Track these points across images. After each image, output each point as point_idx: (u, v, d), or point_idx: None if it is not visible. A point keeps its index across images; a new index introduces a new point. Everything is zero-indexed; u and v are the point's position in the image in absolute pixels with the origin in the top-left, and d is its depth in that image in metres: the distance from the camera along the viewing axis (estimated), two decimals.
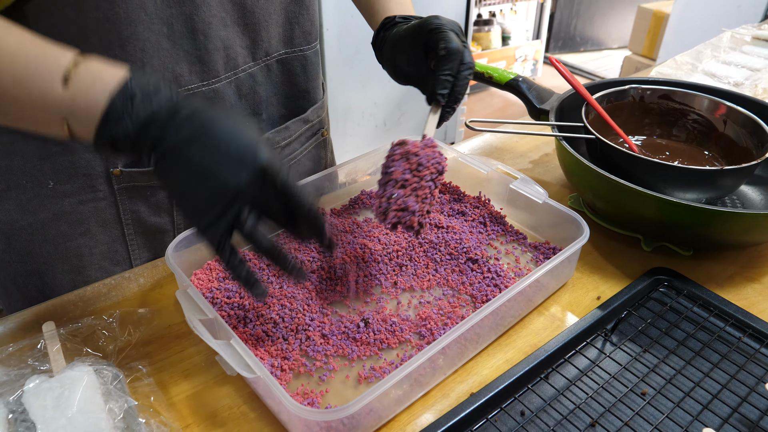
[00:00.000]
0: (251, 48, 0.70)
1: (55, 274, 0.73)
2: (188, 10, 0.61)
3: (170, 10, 0.60)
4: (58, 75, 0.46)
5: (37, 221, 0.69)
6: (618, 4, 4.34)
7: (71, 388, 0.54)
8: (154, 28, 0.60)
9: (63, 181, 0.68)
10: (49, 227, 0.70)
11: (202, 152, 0.46)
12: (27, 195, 0.68)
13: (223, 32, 0.65)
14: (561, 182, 0.93)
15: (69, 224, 0.70)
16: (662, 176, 0.75)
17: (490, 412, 0.55)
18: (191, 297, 0.60)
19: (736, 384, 0.57)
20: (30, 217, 0.69)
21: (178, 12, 0.60)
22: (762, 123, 0.80)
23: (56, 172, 0.67)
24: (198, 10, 0.62)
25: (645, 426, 0.53)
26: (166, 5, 0.59)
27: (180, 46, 0.63)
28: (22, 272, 0.73)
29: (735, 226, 0.68)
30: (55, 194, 0.68)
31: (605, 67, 4.24)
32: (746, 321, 0.64)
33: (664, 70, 1.28)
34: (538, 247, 0.75)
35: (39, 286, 0.74)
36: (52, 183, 0.67)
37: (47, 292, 0.74)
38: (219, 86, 0.69)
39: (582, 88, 0.86)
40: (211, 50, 0.65)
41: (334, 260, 0.69)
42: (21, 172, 0.66)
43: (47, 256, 0.72)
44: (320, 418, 0.49)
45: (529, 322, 0.67)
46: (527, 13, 3.86)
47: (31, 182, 0.67)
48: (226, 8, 0.64)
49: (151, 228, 0.75)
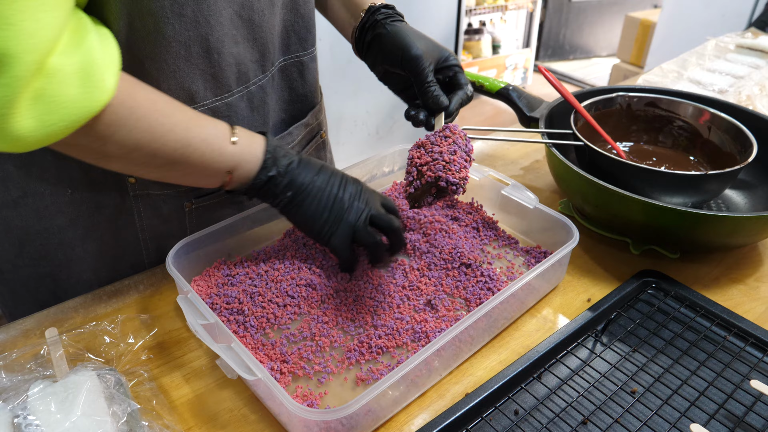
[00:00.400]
0: (260, 61, 0.72)
1: (70, 275, 0.75)
2: (204, 31, 0.63)
3: (188, 33, 0.61)
4: (228, 135, 0.61)
5: (54, 226, 0.71)
6: (606, 13, 4.40)
7: (75, 392, 0.55)
8: (172, 50, 0.61)
9: (80, 189, 0.69)
10: (65, 232, 0.71)
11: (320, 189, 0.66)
12: (44, 202, 0.69)
13: (235, 49, 0.67)
14: (551, 188, 0.95)
15: (85, 229, 0.72)
16: (649, 181, 0.77)
17: (484, 411, 0.56)
18: (192, 302, 0.61)
19: (722, 381, 0.59)
20: (46, 222, 0.70)
21: (195, 34, 0.62)
22: (745, 129, 0.83)
23: (73, 180, 0.69)
24: (213, 30, 0.63)
25: (635, 423, 0.55)
26: (184, 29, 0.61)
27: (196, 65, 0.64)
28: (34, 276, 0.74)
29: (720, 229, 0.71)
30: (73, 201, 0.70)
31: (594, 74, 4.29)
32: (731, 321, 0.66)
33: (650, 78, 1.31)
34: (529, 252, 0.76)
35: (51, 289, 0.75)
36: (70, 191, 0.69)
37: (60, 294, 0.75)
38: (231, 100, 0.70)
39: (570, 96, 0.88)
40: (224, 67, 0.67)
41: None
42: (39, 180, 0.68)
43: (63, 259, 0.73)
44: (320, 418, 0.50)
45: (522, 324, 0.68)
46: (517, 22, 3.91)
47: (49, 189, 0.69)
48: (237, 26, 0.66)
49: (163, 234, 0.76)
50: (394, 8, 0.75)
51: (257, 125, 0.76)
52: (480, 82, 0.97)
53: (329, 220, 0.66)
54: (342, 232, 0.67)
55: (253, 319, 0.64)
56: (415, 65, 0.68)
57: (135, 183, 0.71)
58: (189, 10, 0.60)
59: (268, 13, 0.69)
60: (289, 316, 0.65)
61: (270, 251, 0.75)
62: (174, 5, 0.59)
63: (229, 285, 0.69)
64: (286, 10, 0.74)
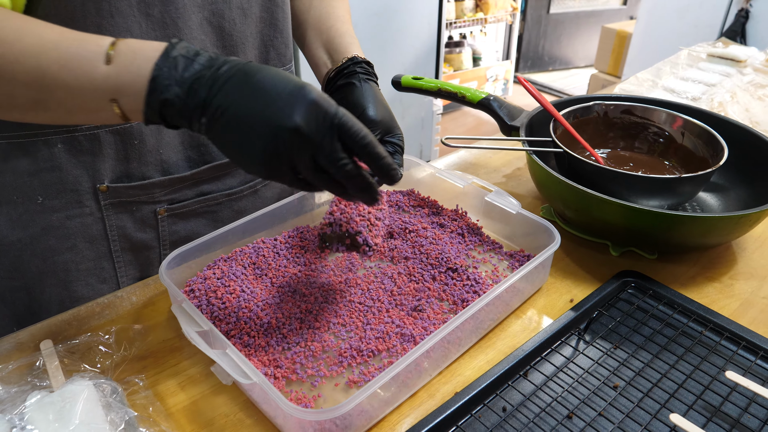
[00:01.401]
0: None
1: (43, 289, 0.75)
2: (171, 32, 0.64)
3: (155, 33, 0.63)
4: (101, 55, 0.48)
5: (27, 236, 0.71)
6: (583, 25, 4.49)
7: (72, 402, 0.56)
8: None
9: (51, 196, 0.70)
10: (37, 242, 0.72)
11: (250, 102, 0.47)
12: (17, 210, 0.70)
13: None
14: (533, 194, 0.98)
15: (57, 239, 0.72)
16: (627, 185, 0.80)
17: (473, 408, 0.58)
18: (186, 311, 0.62)
19: (699, 374, 0.62)
20: (20, 232, 0.71)
21: (162, 35, 0.63)
22: (716, 134, 0.86)
23: (45, 187, 0.69)
24: (180, 33, 0.65)
25: (617, 415, 0.57)
26: (151, 28, 0.62)
27: None
28: (9, 288, 0.75)
29: (694, 229, 0.74)
30: (44, 209, 0.70)
31: (573, 85, 4.37)
32: (707, 317, 0.69)
33: (626, 87, 1.35)
34: (513, 255, 0.79)
35: (26, 302, 0.76)
36: (41, 198, 0.70)
37: (34, 307, 0.75)
38: None
39: (549, 105, 0.91)
40: None
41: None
42: (11, 188, 0.69)
43: (35, 271, 0.74)
44: (315, 418, 0.52)
45: (508, 325, 0.71)
46: (497, 34, 3.98)
47: (21, 197, 0.69)
48: (206, 31, 0.68)
49: (137, 244, 0.77)
50: (372, 66, 0.75)
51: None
52: (462, 93, 1.00)
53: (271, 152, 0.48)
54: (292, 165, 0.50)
55: (245, 325, 0.66)
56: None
57: (107, 190, 0.72)
58: (156, 11, 0.61)
59: (239, 23, 0.71)
60: (281, 322, 0.66)
61: (261, 257, 0.77)
62: (141, 4, 0.60)
63: (220, 293, 0.71)
64: (264, 24, 0.76)
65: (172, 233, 0.79)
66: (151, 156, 0.73)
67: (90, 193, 0.72)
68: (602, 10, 4.46)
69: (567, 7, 4.38)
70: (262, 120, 0.47)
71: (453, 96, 1.01)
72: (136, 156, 0.72)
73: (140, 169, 0.73)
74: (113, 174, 0.72)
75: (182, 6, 0.63)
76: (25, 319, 0.71)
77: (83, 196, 0.71)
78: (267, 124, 0.47)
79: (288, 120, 0.47)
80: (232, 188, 0.83)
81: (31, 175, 0.69)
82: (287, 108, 0.47)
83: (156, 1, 0.61)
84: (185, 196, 0.79)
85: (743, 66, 1.44)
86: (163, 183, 0.75)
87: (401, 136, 0.70)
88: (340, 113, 0.49)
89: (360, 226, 0.69)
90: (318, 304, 0.69)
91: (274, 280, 0.73)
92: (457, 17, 3.55)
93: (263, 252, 0.77)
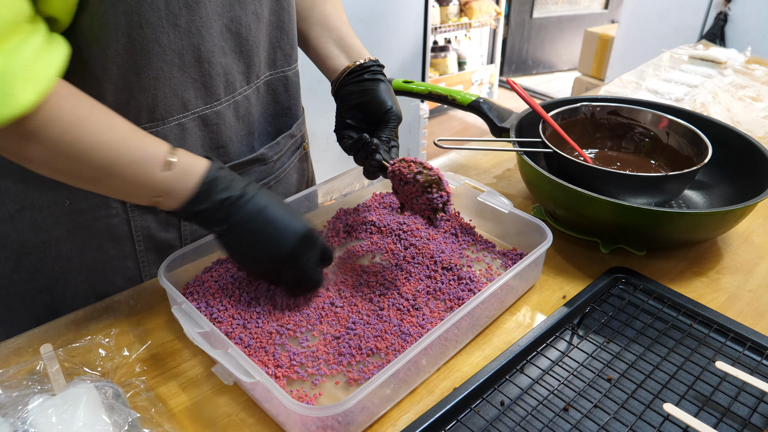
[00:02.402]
0: (246, 73, 0.76)
1: (67, 288, 0.76)
2: (196, 41, 0.66)
3: (181, 42, 0.65)
4: (160, 162, 0.60)
5: (51, 238, 0.72)
6: (565, 29, 4.55)
7: (75, 404, 0.56)
8: (167, 59, 0.65)
9: (79, 199, 0.71)
10: (63, 243, 0.73)
11: (259, 229, 0.64)
12: (42, 214, 0.70)
13: (224, 60, 0.71)
14: (523, 194, 0.99)
15: (83, 239, 0.73)
16: (615, 184, 0.82)
17: (472, 403, 0.59)
18: (187, 312, 0.63)
19: (689, 365, 0.64)
20: (44, 235, 0.72)
21: (188, 44, 0.66)
22: (700, 133, 0.89)
23: (72, 191, 0.70)
24: (204, 40, 0.67)
25: (612, 406, 0.59)
26: (178, 38, 0.65)
27: (188, 74, 0.68)
28: (31, 290, 0.75)
29: (682, 225, 0.76)
30: (71, 212, 0.71)
31: (557, 88, 4.42)
32: (696, 310, 0.71)
33: (611, 89, 1.38)
34: (506, 254, 0.80)
35: (48, 302, 0.76)
36: (69, 201, 0.71)
37: (56, 307, 0.76)
38: (220, 108, 0.74)
39: (538, 106, 0.93)
40: (214, 76, 0.71)
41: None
42: (37, 192, 0.69)
43: (60, 271, 0.74)
44: (318, 415, 0.52)
45: (503, 322, 0.72)
46: (481, 39, 4.02)
47: (47, 201, 0.70)
48: (225, 38, 0.70)
49: (160, 244, 0.78)
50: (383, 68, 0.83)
51: (242, 134, 0.79)
52: (452, 95, 1.02)
53: (265, 262, 0.66)
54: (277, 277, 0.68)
55: (245, 326, 0.66)
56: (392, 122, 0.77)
57: None
58: (183, 21, 0.64)
59: (254, 28, 0.74)
60: (280, 323, 0.67)
61: None
62: (169, 16, 0.63)
63: (219, 295, 0.71)
64: (272, 27, 0.78)
65: (193, 232, 0.81)
66: None
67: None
68: (584, 14, 4.52)
69: (550, 12, 4.44)
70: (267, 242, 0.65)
71: (443, 99, 1.03)
72: None
73: None
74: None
75: (205, 15, 0.66)
76: (46, 319, 0.72)
77: (110, 198, 0.72)
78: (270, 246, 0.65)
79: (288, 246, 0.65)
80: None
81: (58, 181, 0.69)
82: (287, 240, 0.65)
83: (183, 12, 0.63)
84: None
85: (724, 67, 1.47)
86: None
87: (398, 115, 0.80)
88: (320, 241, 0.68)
89: (445, 186, 0.71)
90: (317, 305, 0.70)
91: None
92: (442, 22, 3.58)
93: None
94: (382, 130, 0.77)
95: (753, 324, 0.70)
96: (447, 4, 3.59)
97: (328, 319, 0.68)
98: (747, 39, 2.38)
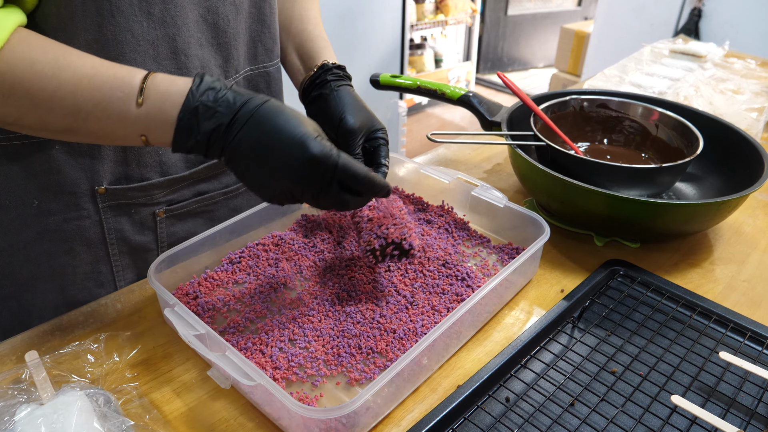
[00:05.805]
0: (224, 66, 0.73)
1: (35, 295, 0.72)
2: (171, 31, 0.64)
3: (155, 32, 0.62)
4: (132, 96, 0.52)
5: (20, 241, 0.69)
6: (540, 26, 4.59)
7: (65, 414, 0.53)
8: (140, 49, 0.62)
9: (48, 199, 0.68)
10: (32, 246, 0.69)
11: (259, 157, 0.54)
12: (9, 215, 0.67)
13: (200, 52, 0.68)
14: (515, 188, 0.99)
15: (52, 243, 0.70)
16: (609, 176, 0.81)
17: (478, 400, 0.58)
18: (180, 314, 0.61)
19: (692, 356, 0.63)
20: (12, 238, 0.68)
21: (163, 34, 0.63)
22: (690, 125, 0.89)
23: (41, 190, 0.67)
24: (179, 31, 0.64)
25: (619, 399, 0.58)
26: (152, 27, 0.62)
27: (164, 66, 0.65)
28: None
29: (677, 216, 0.76)
30: (40, 213, 0.68)
31: (533, 85, 4.45)
32: (694, 301, 0.71)
33: (595, 83, 1.38)
34: (502, 249, 0.79)
35: (15, 311, 0.73)
36: (37, 202, 0.67)
37: (23, 315, 0.73)
38: None
39: (529, 100, 0.92)
40: (190, 69, 0.68)
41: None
42: (4, 192, 0.66)
43: (28, 277, 0.71)
44: (323, 417, 0.51)
45: (502, 317, 0.71)
46: (456, 36, 4.02)
47: (15, 202, 0.67)
48: (202, 29, 0.68)
49: (135, 247, 0.75)
50: (344, 69, 0.75)
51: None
52: (441, 90, 1.01)
53: (277, 191, 0.56)
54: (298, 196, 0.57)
55: (242, 327, 0.64)
56: (347, 136, 0.68)
57: (105, 193, 0.70)
58: (157, 9, 0.61)
59: (232, 19, 0.71)
60: (277, 324, 0.65)
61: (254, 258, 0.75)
62: (142, 3, 0.60)
63: (213, 296, 0.69)
64: (252, 20, 0.75)
65: (170, 234, 0.78)
66: (150, 157, 0.72)
67: (88, 196, 0.69)
68: (558, 11, 4.56)
69: (524, 9, 4.47)
70: (270, 173, 0.55)
71: (432, 93, 1.02)
72: (135, 158, 0.71)
73: (139, 171, 0.71)
74: (112, 176, 0.70)
75: (180, 4, 0.63)
76: (13, 329, 0.68)
77: (81, 199, 0.69)
78: (273, 178, 0.55)
79: (291, 178, 0.54)
80: (229, 186, 0.83)
81: (26, 178, 0.66)
82: (290, 169, 0.54)
83: (156, 0, 0.60)
84: (183, 197, 0.78)
85: (704, 61, 1.49)
86: (162, 184, 0.74)
87: (384, 130, 0.71)
88: (340, 165, 0.55)
89: (401, 233, 0.68)
90: (314, 305, 0.68)
91: (268, 281, 0.71)
92: (418, 19, 3.57)
93: (255, 252, 0.76)
94: (347, 146, 0.68)
95: (750, 313, 0.70)
96: (423, 2, 3.59)
97: (325, 320, 0.67)
98: (721, 34, 2.42)
